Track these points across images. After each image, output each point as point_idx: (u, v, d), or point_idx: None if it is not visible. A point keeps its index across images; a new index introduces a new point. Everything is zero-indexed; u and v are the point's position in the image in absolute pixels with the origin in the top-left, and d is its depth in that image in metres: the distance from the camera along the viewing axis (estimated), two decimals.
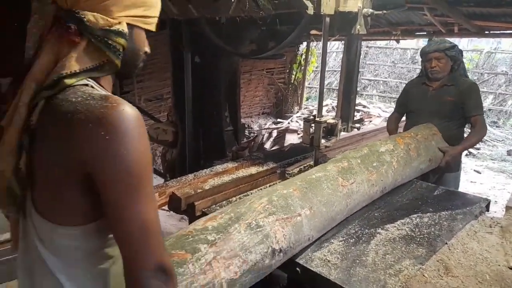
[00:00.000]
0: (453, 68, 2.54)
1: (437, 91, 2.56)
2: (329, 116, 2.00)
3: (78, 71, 0.74)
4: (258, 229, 1.28)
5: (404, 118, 2.88)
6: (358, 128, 2.30)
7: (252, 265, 1.22)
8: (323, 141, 1.94)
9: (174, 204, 1.87)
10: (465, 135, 2.61)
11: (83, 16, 0.74)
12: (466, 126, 2.64)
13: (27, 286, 0.82)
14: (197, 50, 2.94)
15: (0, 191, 0.78)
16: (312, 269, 1.42)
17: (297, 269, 1.46)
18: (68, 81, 0.73)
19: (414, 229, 1.72)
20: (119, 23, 0.77)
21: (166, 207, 2.00)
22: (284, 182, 1.66)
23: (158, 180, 3.62)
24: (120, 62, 0.79)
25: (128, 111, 0.69)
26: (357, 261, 1.47)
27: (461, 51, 2.59)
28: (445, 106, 2.51)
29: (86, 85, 0.76)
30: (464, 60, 2.68)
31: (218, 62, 3.30)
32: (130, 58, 0.82)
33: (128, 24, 0.79)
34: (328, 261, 1.47)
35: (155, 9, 0.85)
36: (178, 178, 2.21)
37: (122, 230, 0.71)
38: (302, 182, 1.59)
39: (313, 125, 1.94)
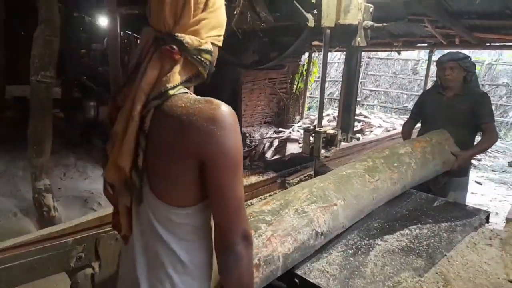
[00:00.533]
0: (466, 79, 2.67)
1: (450, 100, 2.70)
2: (329, 127, 2.02)
3: (179, 83, 0.90)
4: (303, 214, 1.50)
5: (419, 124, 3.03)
6: (358, 139, 2.31)
7: (301, 243, 1.43)
8: (323, 151, 1.95)
9: None
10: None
11: (182, 38, 0.89)
12: (478, 133, 2.76)
13: (142, 262, 0.97)
14: None
15: (120, 184, 0.94)
16: (310, 280, 1.42)
17: (296, 280, 1.46)
18: (171, 92, 0.89)
19: (413, 241, 1.72)
20: (206, 42, 0.93)
21: None
22: (319, 177, 1.87)
23: None
24: (206, 73, 0.96)
25: (229, 110, 0.88)
26: (356, 272, 1.47)
27: (474, 64, 2.73)
28: (457, 114, 2.64)
29: (186, 92, 0.92)
30: None
31: (220, 72, 3.33)
32: (209, 70, 0.97)
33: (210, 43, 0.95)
34: (327, 272, 1.47)
35: (224, 28, 1.00)
36: None
37: (223, 204, 0.89)
38: (335, 177, 1.81)
39: (313, 135, 1.95)
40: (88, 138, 6.10)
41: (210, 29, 0.93)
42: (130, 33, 7.92)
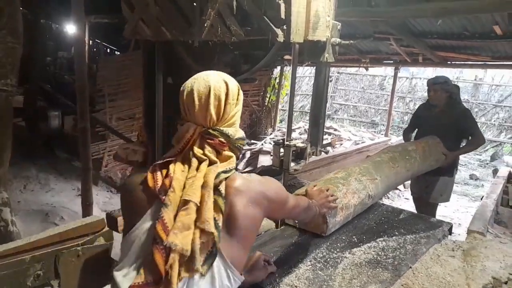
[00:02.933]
0: (450, 98, 3.35)
1: (437, 114, 3.40)
2: (298, 140, 2.03)
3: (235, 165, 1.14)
4: (360, 182, 2.13)
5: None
6: (327, 152, 2.35)
7: (361, 200, 2.06)
8: (292, 164, 1.96)
9: None
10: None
11: (227, 132, 1.10)
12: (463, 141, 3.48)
13: None
14: (170, 71, 2.93)
15: (202, 251, 1.01)
16: None
17: None
18: (234, 170, 1.12)
19: (380, 253, 1.75)
20: (238, 129, 1.16)
21: None
22: (361, 161, 2.58)
23: None
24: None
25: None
26: (324, 286, 1.47)
27: (456, 86, 3.50)
28: (443, 126, 3.30)
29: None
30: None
31: None
32: None
33: None
34: (296, 286, 1.46)
35: None
36: None
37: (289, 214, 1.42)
38: (371, 162, 2.47)
39: (283, 148, 1.96)
40: (51, 149, 5.86)
41: (239, 116, 1.18)
42: (98, 41, 7.76)
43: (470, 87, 11.11)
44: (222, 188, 1.05)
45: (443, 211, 5.19)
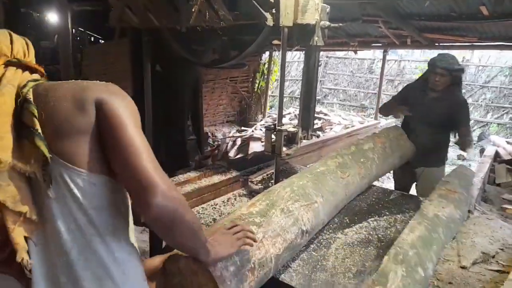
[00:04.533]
0: (452, 84, 2.78)
1: (431, 101, 2.82)
2: (290, 125, 2.05)
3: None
4: (289, 214, 1.51)
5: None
6: (318, 136, 2.35)
7: (290, 243, 1.44)
8: (284, 149, 1.97)
9: (134, 216, 1.82)
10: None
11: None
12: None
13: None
14: (158, 59, 2.89)
15: (30, 154, 0.84)
16: (274, 276, 1.43)
17: None
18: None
19: (371, 232, 1.79)
20: None
21: None
22: (297, 175, 1.89)
23: None
24: None
25: None
26: (318, 266, 1.50)
27: (464, 70, 2.88)
28: (435, 116, 2.79)
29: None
30: (417, 70, 2.95)
31: (180, 71, 3.27)
32: None
33: None
34: (290, 267, 1.49)
35: None
36: None
37: (129, 159, 0.84)
38: (311, 175, 1.86)
39: (274, 133, 1.97)
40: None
41: None
42: (82, 30, 7.58)
43: None
44: (30, 95, 0.87)
45: None
